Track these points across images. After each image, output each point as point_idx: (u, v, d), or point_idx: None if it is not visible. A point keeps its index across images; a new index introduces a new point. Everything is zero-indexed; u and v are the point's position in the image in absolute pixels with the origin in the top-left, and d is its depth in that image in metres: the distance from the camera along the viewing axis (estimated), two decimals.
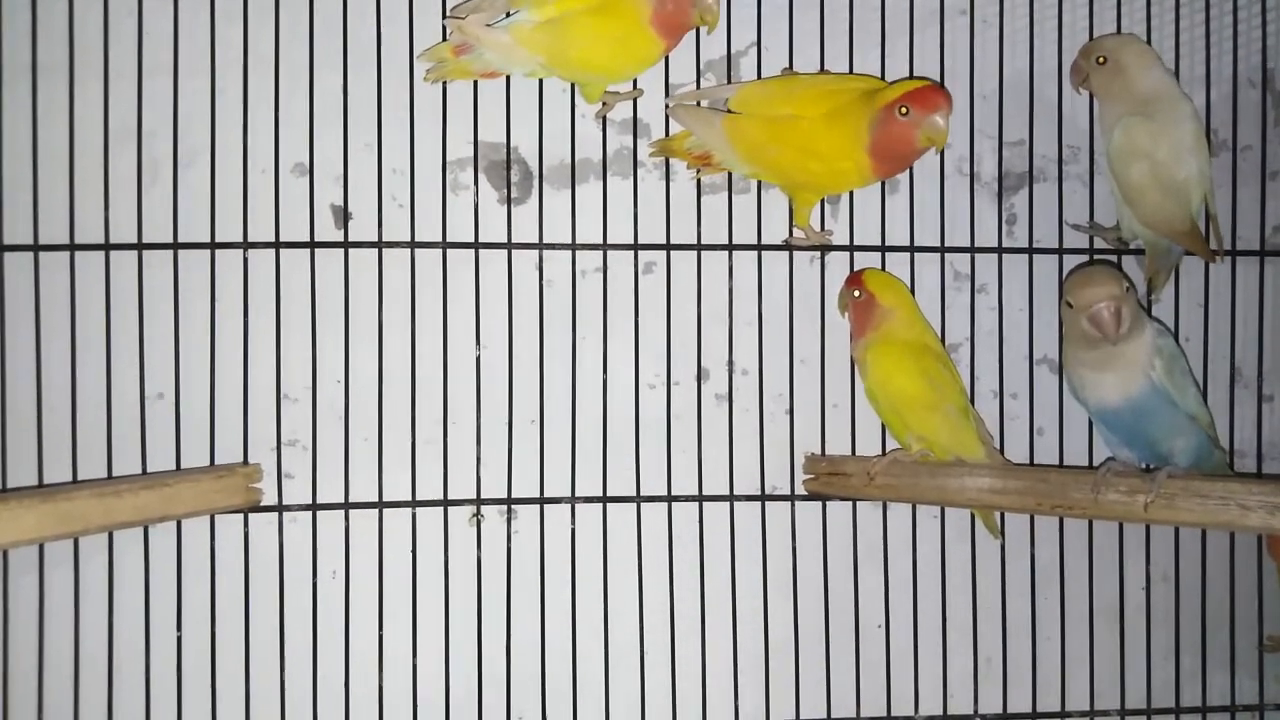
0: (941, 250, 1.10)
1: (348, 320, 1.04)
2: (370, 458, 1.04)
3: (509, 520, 1.08)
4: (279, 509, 1.04)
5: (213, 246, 1.03)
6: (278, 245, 1.03)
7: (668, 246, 1.08)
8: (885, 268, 1.10)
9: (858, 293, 1.04)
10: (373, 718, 1.04)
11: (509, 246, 1.06)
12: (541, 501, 1.07)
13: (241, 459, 1.03)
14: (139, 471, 1.01)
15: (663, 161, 1.09)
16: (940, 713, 1.11)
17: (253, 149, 1.03)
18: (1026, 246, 1.12)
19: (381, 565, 1.04)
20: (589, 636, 1.08)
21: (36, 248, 1.00)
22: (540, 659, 1.07)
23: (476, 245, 1.06)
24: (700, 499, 1.09)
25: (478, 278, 1.06)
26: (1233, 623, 1.13)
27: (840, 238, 1.11)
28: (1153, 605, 1.14)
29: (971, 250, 1.11)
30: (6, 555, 0.99)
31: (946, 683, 1.11)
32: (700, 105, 1.05)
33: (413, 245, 1.05)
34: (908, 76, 1.06)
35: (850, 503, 1.11)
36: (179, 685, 1.02)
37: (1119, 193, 1.05)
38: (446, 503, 1.05)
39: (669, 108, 1.05)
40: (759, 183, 1.09)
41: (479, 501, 1.06)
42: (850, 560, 1.11)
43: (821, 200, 1.09)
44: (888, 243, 1.10)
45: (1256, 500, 0.88)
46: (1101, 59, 1.04)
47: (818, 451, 1.11)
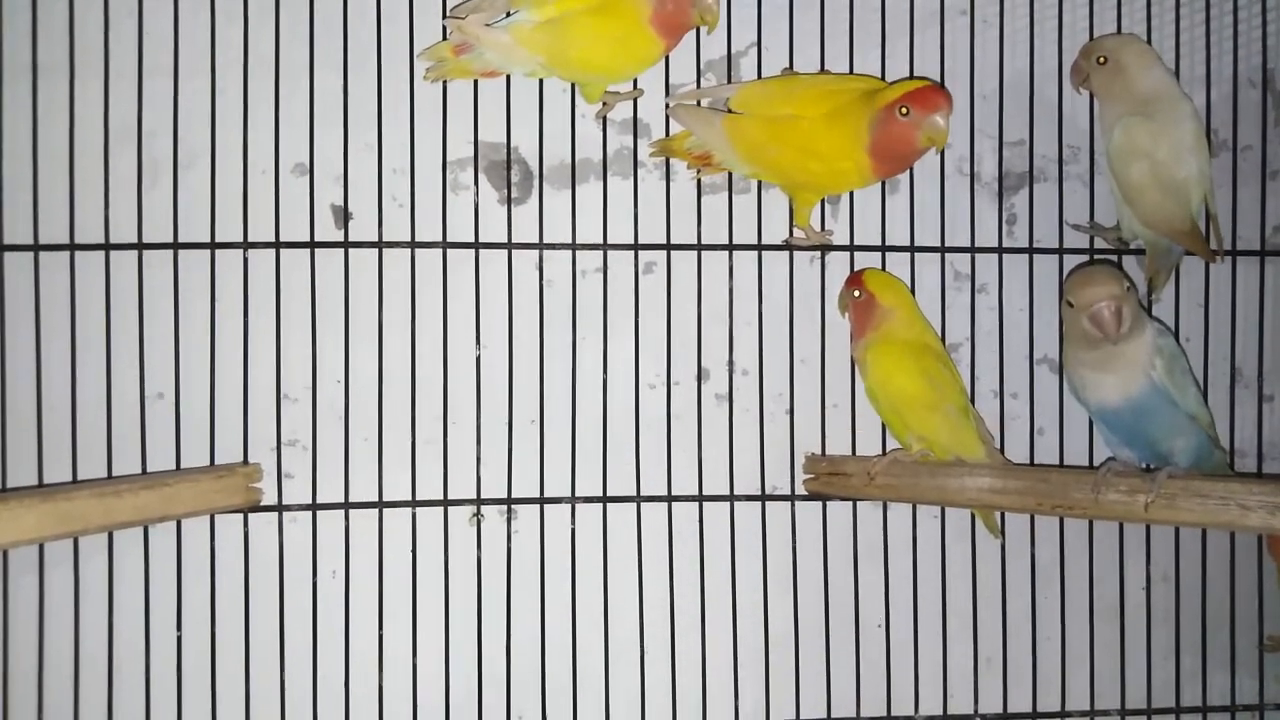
0: (941, 250, 1.10)
1: (348, 320, 1.04)
2: (370, 458, 1.04)
3: (509, 520, 1.08)
4: (279, 509, 1.04)
5: (213, 246, 1.03)
6: (278, 245, 1.03)
7: (668, 246, 1.08)
8: (885, 268, 1.10)
9: (858, 293, 1.04)
10: (373, 718, 1.04)
11: (509, 246, 1.06)
12: (541, 501, 1.07)
13: (241, 459, 1.03)
14: (139, 471, 1.01)
15: (663, 161, 1.09)
16: (940, 712, 1.11)
17: (253, 149, 1.03)
18: (1027, 246, 1.12)
19: (381, 565, 1.04)
20: (589, 636, 1.08)
21: (36, 248, 1.00)
22: (540, 659, 1.07)
23: (476, 245, 1.06)
24: (700, 499, 1.09)
25: (478, 278, 1.06)
26: (1233, 622, 1.13)
27: (840, 238, 1.11)
28: (1153, 605, 1.14)
29: (971, 250, 1.11)
30: (6, 555, 0.99)
31: (946, 682, 1.11)
32: (700, 105, 1.05)
33: (413, 245, 1.05)
34: (908, 76, 1.06)
35: (850, 503, 1.11)
36: (179, 685, 1.02)
37: (1119, 192, 1.05)
38: (446, 503, 1.05)
39: (669, 108, 1.05)
40: (759, 183, 1.09)
41: (479, 501, 1.06)
42: (850, 560, 1.11)
43: (822, 200, 1.09)
44: (888, 243, 1.10)
45: (1257, 500, 0.88)
46: (1102, 59, 1.04)
47: (818, 451, 1.11)
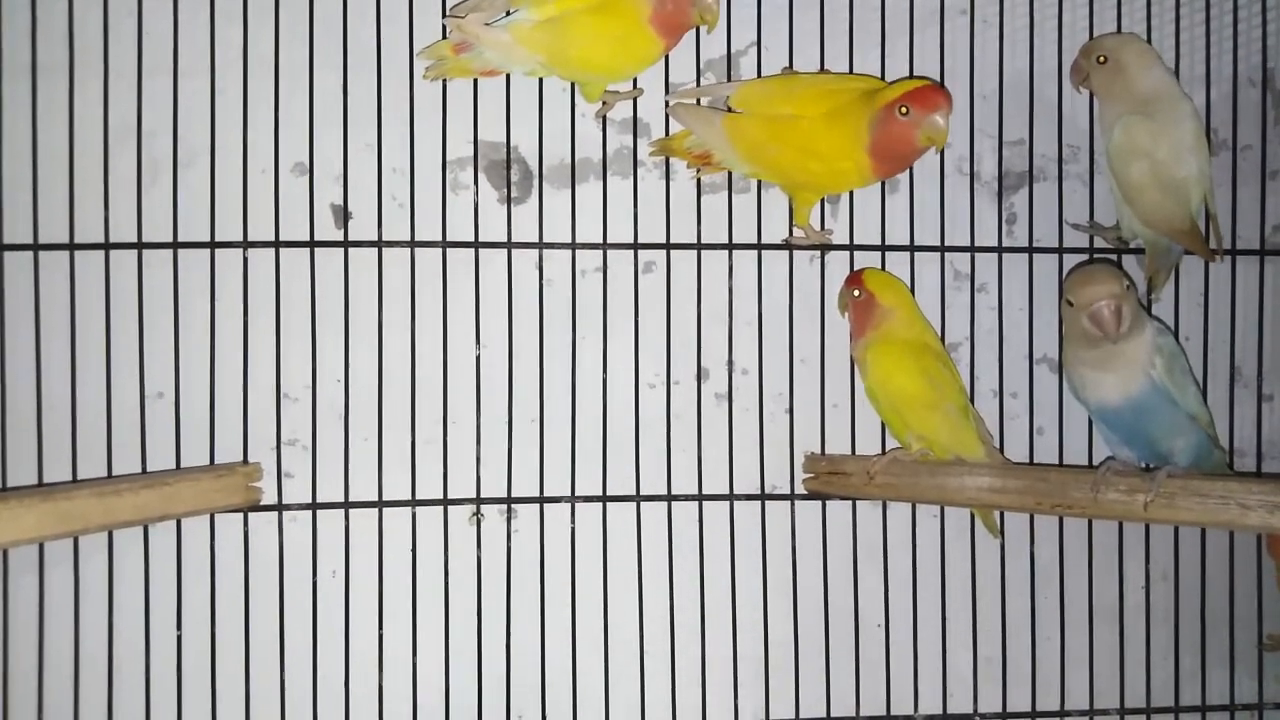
0: (941, 250, 1.10)
1: (348, 320, 1.04)
2: (370, 457, 1.04)
3: (509, 520, 1.08)
4: (279, 508, 1.04)
5: (213, 246, 1.03)
6: (278, 245, 1.03)
7: (668, 246, 1.08)
8: (885, 267, 1.10)
9: (857, 292, 1.04)
10: (373, 718, 1.04)
11: (509, 246, 1.06)
12: (541, 501, 1.07)
13: (241, 458, 1.03)
14: (139, 471, 1.01)
15: (663, 161, 1.09)
16: (940, 712, 1.11)
17: (253, 149, 1.03)
18: (1026, 246, 1.12)
19: (381, 565, 1.04)
20: (589, 635, 1.08)
21: (36, 248, 1.00)
22: (540, 658, 1.07)
23: (476, 245, 1.06)
24: (700, 498, 1.09)
25: (478, 277, 1.06)
26: (1232, 622, 1.13)
27: (840, 237, 1.11)
28: (1152, 604, 1.14)
29: (971, 250, 1.11)
30: (6, 555, 0.99)
31: (946, 682, 1.11)
32: (700, 104, 1.05)
33: (413, 245, 1.05)
34: (908, 76, 1.06)
35: (850, 502, 1.11)
36: (179, 685, 1.02)
37: (1119, 192, 1.05)
38: (446, 502, 1.05)
39: (669, 106, 1.05)
40: (759, 182, 1.09)
41: (479, 501, 1.06)
42: (850, 560, 1.11)
43: (821, 200, 1.09)
44: (888, 242, 1.10)
45: (1256, 499, 0.88)
46: (1102, 58, 1.04)
47: (817, 451, 1.11)
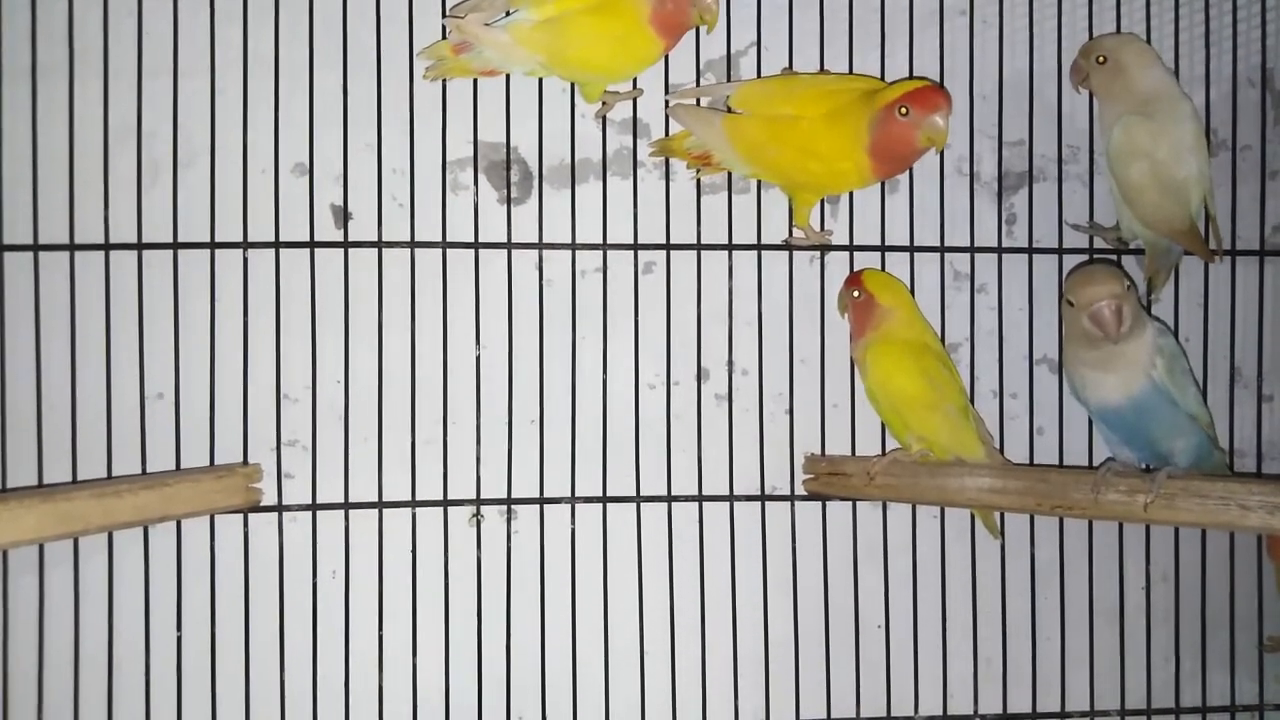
0: (941, 250, 1.10)
1: (348, 320, 1.04)
2: (370, 458, 1.04)
3: (509, 520, 1.08)
4: (279, 509, 1.04)
5: (213, 246, 1.03)
6: (278, 245, 1.03)
7: (668, 246, 1.08)
8: (885, 268, 1.10)
9: (857, 293, 1.04)
10: (373, 718, 1.04)
11: (509, 246, 1.06)
12: (541, 502, 1.07)
13: (241, 459, 1.03)
14: (139, 471, 1.01)
15: (662, 161, 1.09)
16: (940, 713, 1.11)
17: (253, 149, 1.03)
18: (1026, 246, 1.12)
19: (381, 565, 1.04)
20: (589, 636, 1.08)
21: (36, 248, 1.00)
22: (540, 659, 1.07)
23: (476, 245, 1.06)
24: (700, 499, 1.09)
25: (478, 278, 1.06)
26: (1232, 623, 1.13)
27: (840, 238, 1.11)
28: (1153, 605, 1.14)
29: (971, 250, 1.11)
30: (6, 555, 0.99)
31: (946, 683, 1.11)
32: (700, 104, 1.05)
33: (413, 245, 1.05)
34: (907, 77, 1.06)
35: (850, 503, 1.11)
36: (179, 685, 1.02)
37: (1119, 192, 1.05)
38: (446, 503, 1.05)
39: (669, 107, 1.05)
40: (759, 183, 1.09)
41: (479, 502, 1.06)
42: (850, 560, 1.11)
43: (821, 200, 1.09)
44: (887, 243, 1.10)
45: (1256, 500, 0.88)
46: (1101, 58, 1.04)
47: (817, 451, 1.11)
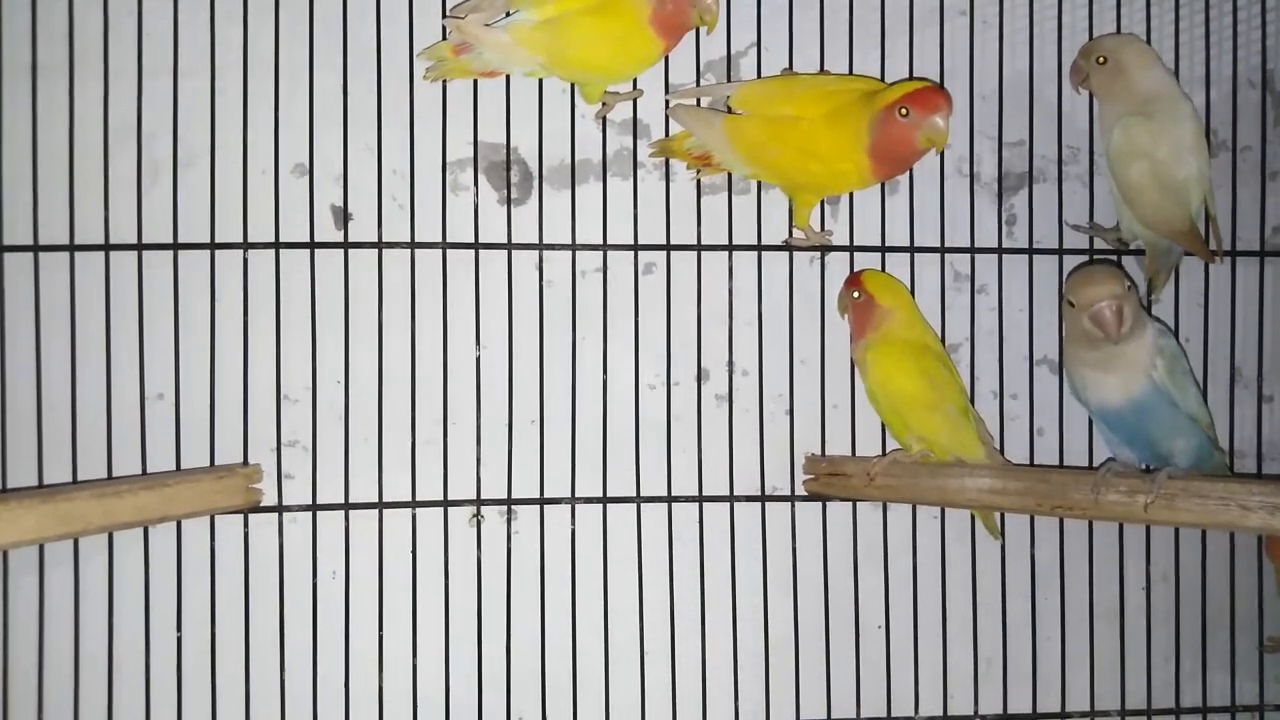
0: (941, 250, 1.10)
1: (348, 320, 1.04)
2: (370, 458, 1.04)
3: (509, 521, 1.08)
4: (279, 509, 1.04)
5: (213, 247, 1.03)
6: (278, 245, 1.03)
7: (668, 247, 1.08)
8: (885, 268, 1.10)
9: (857, 294, 1.04)
10: (373, 718, 1.04)
11: (509, 247, 1.06)
12: (541, 502, 1.07)
13: (241, 459, 1.03)
14: (139, 472, 1.01)
15: (663, 162, 1.09)
16: (940, 713, 1.11)
17: (253, 149, 1.03)
18: (1026, 247, 1.12)
19: (381, 565, 1.04)
20: (589, 637, 1.08)
21: (36, 248, 1.00)
22: (540, 659, 1.07)
23: (476, 245, 1.06)
24: (700, 499, 1.09)
25: (478, 278, 1.06)
26: (1233, 623, 1.13)
27: (840, 238, 1.11)
28: (1153, 606, 1.14)
29: (971, 250, 1.11)
30: (6, 555, 0.99)
31: (946, 683, 1.11)
32: (700, 105, 1.05)
33: (413, 245, 1.05)
34: (907, 77, 1.06)
35: (850, 503, 1.11)
36: (179, 685, 1.02)
37: (1119, 193, 1.05)
38: (446, 503, 1.05)
39: (669, 107, 1.05)
40: (759, 183, 1.09)
41: (479, 502, 1.06)
42: (850, 560, 1.11)
43: (821, 201, 1.09)
44: (888, 243, 1.10)
45: (1257, 501, 0.88)
46: (1101, 59, 1.04)
47: (818, 452, 1.11)
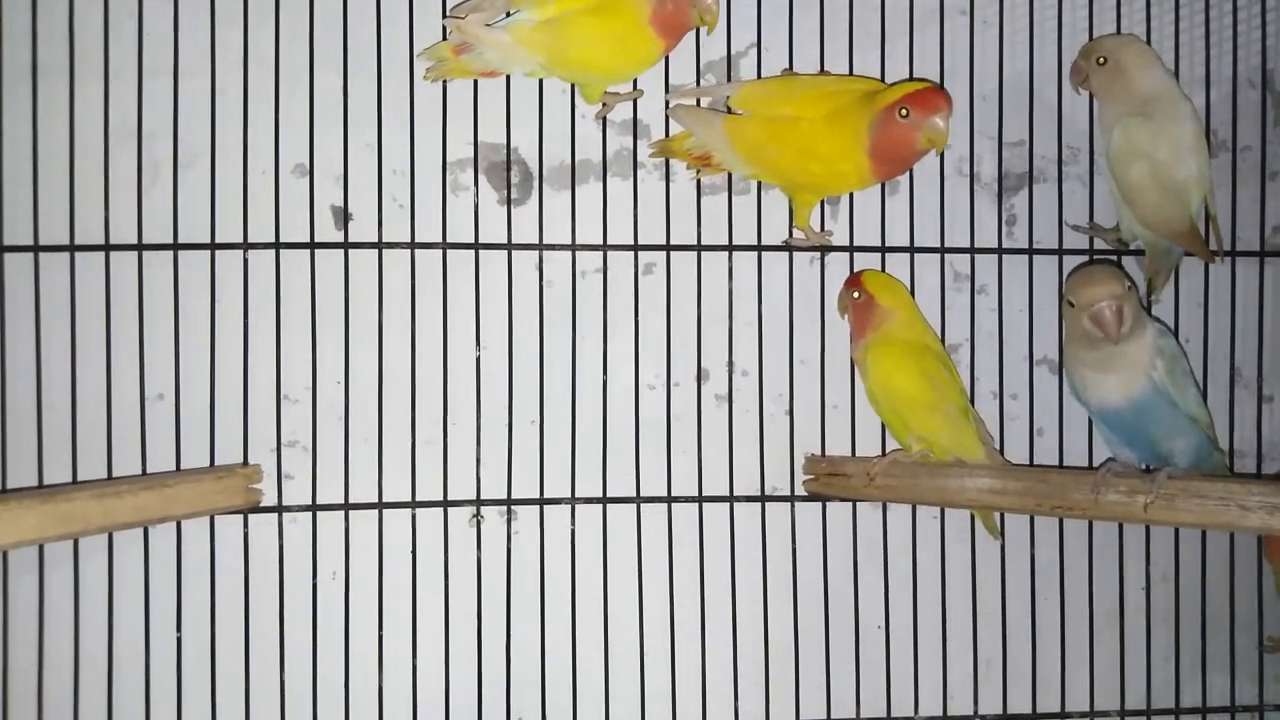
0: (941, 251, 1.10)
1: (348, 320, 1.04)
2: (370, 458, 1.04)
3: (509, 521, 1.08)
4: (279, 509, 1.04)
5: (213, 247, 1.03)
6: (278, 246, 1.03)
7: (668, 247, 1.08)
8: (885, 268, 1.10)
9: (857, 294, 1.04)
10: (372, 718, 1.04)
11: (509, 247, 1.06)
12: (541, 502, 1.07)
13: (241, 460, 1.03)
14: (139, 472, 1.01)
15: (663, 162, 1.09)
16: (940, 713, 1.11)
17: (253, 149, 1.03)
18: (1026, 247, 1.12)
19: (381, 566, 1.04)
20: (589, 637, 1.08)
21: (36, 248, 1.00)
22: (540, 659, 1.07)
23: (476, 246, 1.06)
24: (700, 500, 1.09)
25: (478, 278, 1.06)
26: (1232, 623, 1.13)
27: (840, 238, 1.11)
28: (1152, 606, 1.14)
29: (971, 251, 1.11)
30: (6, 555, 0.99)
31: (946, 683, 1.11)
32: (700, 105, 1.05)
33: (413, 246, 1.05)
34: (908, 77, 1.06)
35: (850, 503, 1.11)
36: (179, 685, 1.02)
37: (1119, 193, 1.05)
38: (446, 503, 1.05)
39: (669, 107, 1.05)
40: (759, 183, 1.09)
41: (479, 502, 1.06)
42: (850, 561, 1.11)
43: (821, 201, 1.09)
44: (887, 243, 1.10)
45: (1256, 501, 0.88)
46: (1101, 59, 1.04)
47: (817, 452, 1.11)
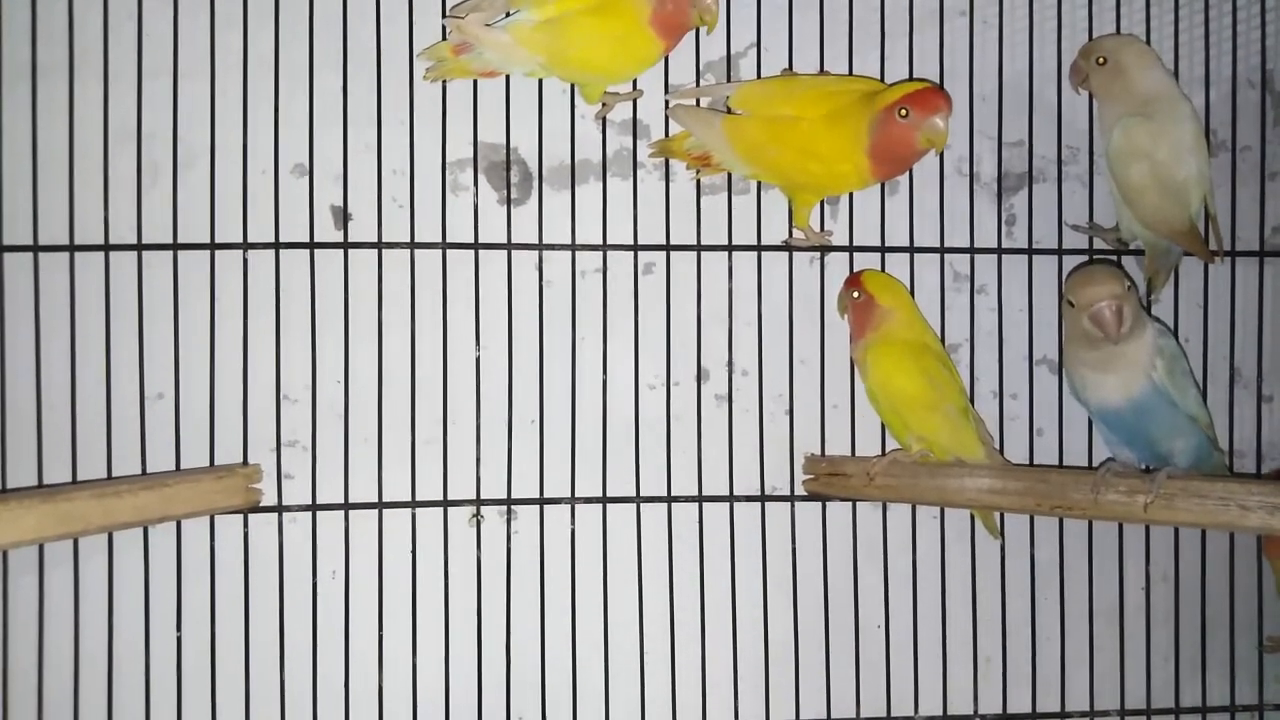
0: (941, 251, 1.10)
1: (347, 320, 1.04)
2: (370, 458, 1.04)
3: (509, 521, 1.08)
4: (279, 509, 1.04)
5: (212, 247, 1.03)
6: (277, 246, 1.03)
7: (667, 247, 1.08)
8: (885, 268, 1.10)
9: (857, 294, 1.04)
10: (372, 717, 1.04)
11: (509, 247, 1.06)
12: (541, 502, 1.07)
13: (241, 459, 1.03)
14: (139, 472, 1.01)
15: (662, 162, 1.09)
16: (940, 713, 1.11)
17: (253, 149, 1.03)
18: (1026, 247, 1.12)
19: (381, 565, 1.04)
20: (589, 636, 1.08)
21: (36, 248, 1.00)
22: (540, 659, 1.07)
23: (476, 246, 1.06)
24: (700, 499, 1.09)
25: (477, 278, 1.06)
26: (1232, 623, 1.13)
27: (840, 238, 1.11)
28: (1152, 606, 1.14)
29: (971, 251, 1.11)
30: (6, 555, 0.99)
31: (946, 683, 1.11)
32: (700, 105, 1.05)
33: (412, 246, 1.05)
34: (907, 77, 1.06)
35: (850, 503, 1.11)
36: (179, 685, 1.02)
37: (1118, 193, 1.05)
38: (446, 503, 1.05)
39: (669, 107, 1.05)
40: (758, 183, 1.09)
41: (479, 502, 1.06)
42: (850, 560, 1.11)
43: (821, 201, 1.09)
44: (887, 243, 1.10)
45: (1256, 501, 0.88)
46: (1101, 59, 1.04)
47: (817, 452, 1.11)
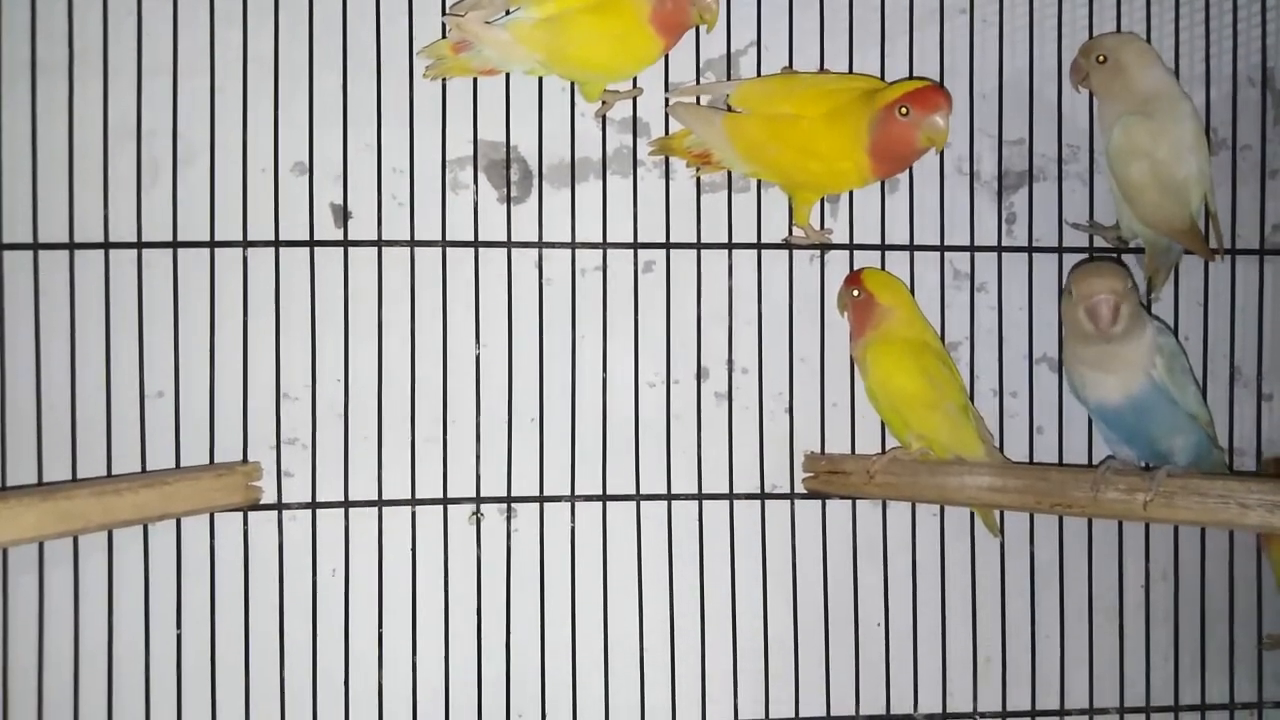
0: (941, 249, 1.10)
1: (347, 319, 1.04)
2: (370, 456, 1.04)
3: (509, 519, 1.08)
4: (278, 507, 1.04)
5: (212, 246, 1.03)
6: (277, 244, 1.03)
7: (667, 245, 1.08)
8: (885, 267, 1.10)
9: (857, 292, 1.04)
10: (372, 717, 1.04)
11: (509, 245, 1.06)
12: (541, 500, 1.07)
13: (241, 457, 1.03)
14: (139, 470, 1.01)
15: (662, 160, 1.09)
16: (939, 711, 1.11)
17: (253, 148, 1.03)
18: (1026, 245, 1.12)
19: (381, 564, 1.04)
20: (588, 635, 1.08)
21: (36, 247, 1.00)
22: (540, 657, 1.07)
23: (476, 244, 1.06)
24: (700, 498, 1.09)
25: (477, 277, 1.06)
26: (1232, 621, 1.13)
27: (840, 237, 1.11)
28: (1152, 604, 1.14)
29: (971, 249, 1.11)
30: (6, 554, 0.99)
31: (946, 681, 1.11)
32: (700, 103, 1.05)
33: (412, 244, 1.05)
34: (908, 76, 1.06)
35: (850, 501, 1.11)
36: (179, 684, 1.02)
37: (1118, 192, 1.05)
38: (446, 501, 1.06)
39: (669, 105, 1.05)
40: (759, 181, 1.09)
41: (479, 500, 1.06)
42: (850, 559, 1.11)
43: (821, 199, 1.09)
44: (887, 242, 1.10)
45: (1255, 499, 0.88)
46: (1101, 58, 1.04)
47: (817, 450, 1.11)
